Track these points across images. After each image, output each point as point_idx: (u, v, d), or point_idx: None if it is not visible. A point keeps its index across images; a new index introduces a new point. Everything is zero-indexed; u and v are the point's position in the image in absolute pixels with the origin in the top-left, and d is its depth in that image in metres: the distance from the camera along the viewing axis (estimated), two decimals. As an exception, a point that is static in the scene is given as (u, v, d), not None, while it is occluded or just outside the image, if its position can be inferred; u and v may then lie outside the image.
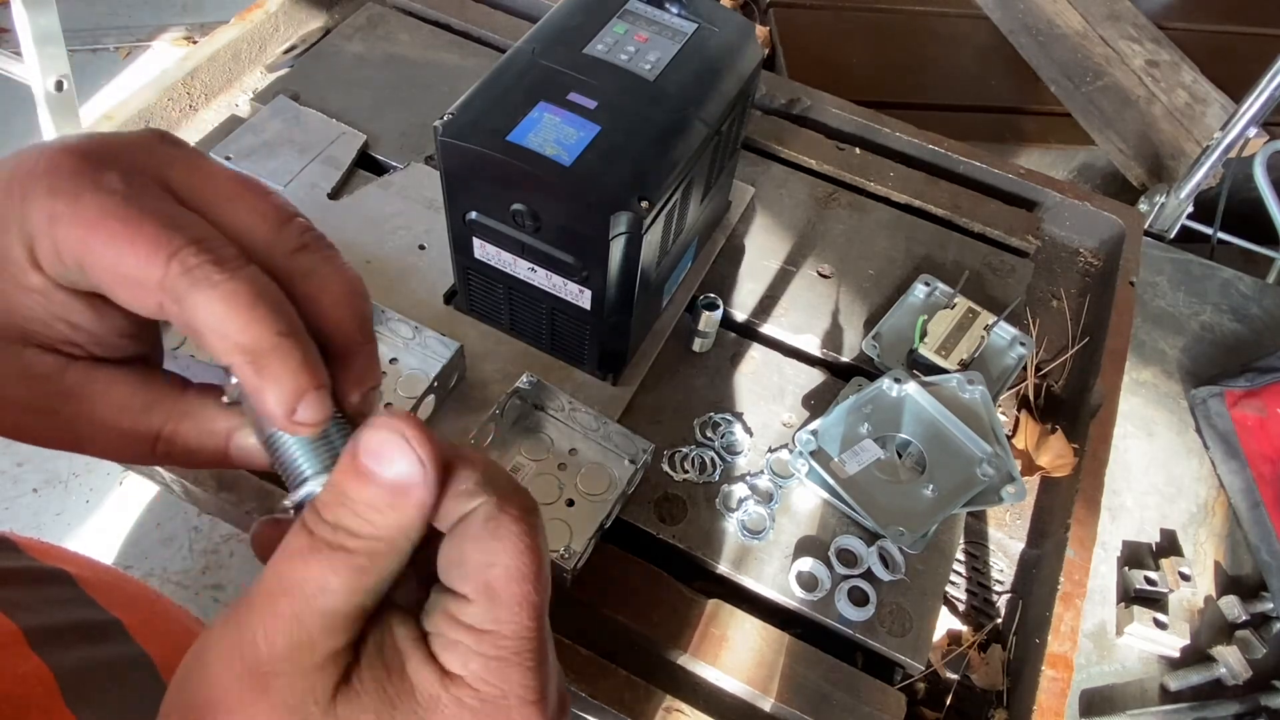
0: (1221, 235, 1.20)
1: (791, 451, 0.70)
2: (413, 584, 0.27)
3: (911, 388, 0.68)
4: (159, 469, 0.64)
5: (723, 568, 0.64)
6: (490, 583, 0.24)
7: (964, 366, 0.73)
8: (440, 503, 0.25)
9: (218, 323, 0.24)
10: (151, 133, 0.27)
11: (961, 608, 0.69)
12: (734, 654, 0.61)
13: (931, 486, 0.66)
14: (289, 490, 0.27)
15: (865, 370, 0.77)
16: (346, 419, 0.28)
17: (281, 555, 0.24)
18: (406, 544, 0.24)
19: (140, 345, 0.29)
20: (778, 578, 0.64)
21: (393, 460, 0.23)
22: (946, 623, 0.67)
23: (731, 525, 0.66)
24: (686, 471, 0.68)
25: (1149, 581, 0.73)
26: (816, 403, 0.74)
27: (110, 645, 0.48)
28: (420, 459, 0.23)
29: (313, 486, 0.27)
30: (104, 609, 0.50)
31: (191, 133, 0.89)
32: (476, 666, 0.24)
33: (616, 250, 0.58)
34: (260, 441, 0.28)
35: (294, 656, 0.23)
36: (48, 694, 0.40)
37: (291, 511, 0.27)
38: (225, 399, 0.29)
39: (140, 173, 0.26)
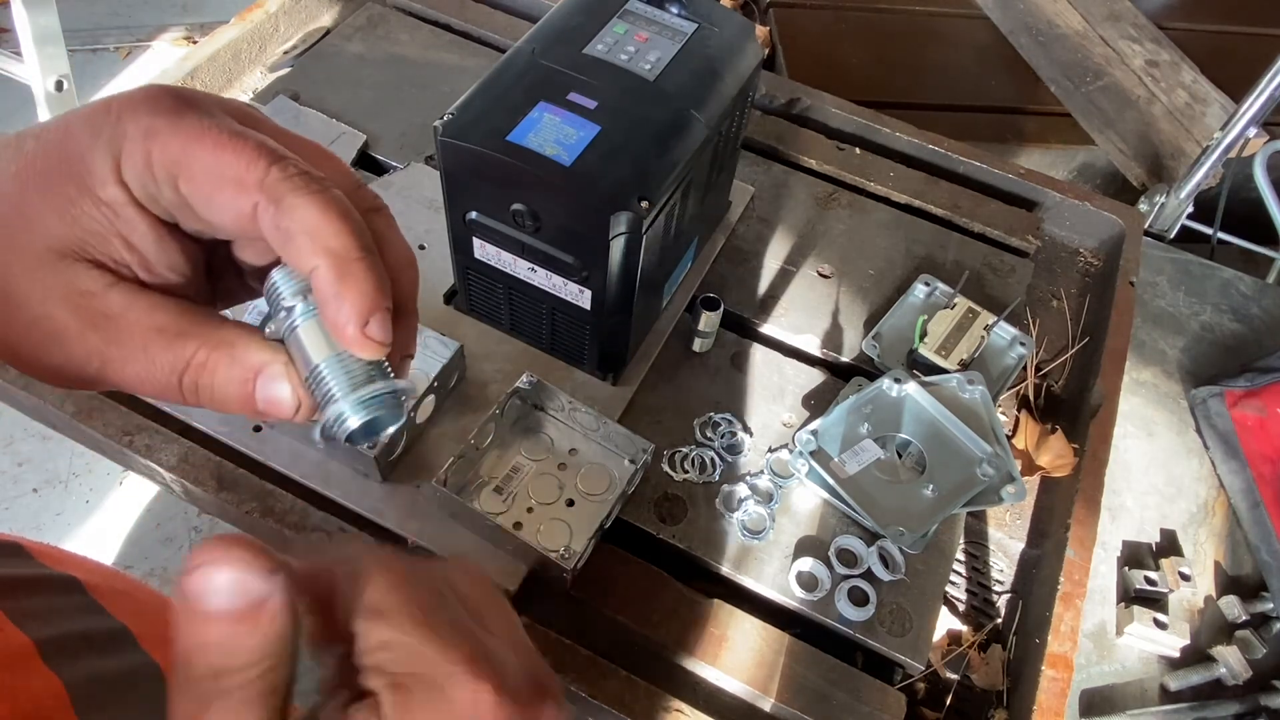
0: (1221, 235, 1.20)
1: (791, 451, 0.70)
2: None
3: (911, 388, 0.69)
4: (159, 469, 0.64)
5: (723, 568, 0.64)
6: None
7: (964, 366, 0.73)
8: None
9: (314, 224, 0.26)
10: (239, 102, 0.30)
11: (961, 608, 0.69)
12: (734, 654, 0.61)
13: (931, 486, 0.66)
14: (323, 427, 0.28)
15: (865, 370, 0.77)
16: None
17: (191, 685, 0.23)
18: (294, 642, 0.23)
19: (187, 280, 0.30)
20: (778, 578, 0.64)
21: (231, 589, 0.22)
22: (946, 623, 0.67)
23: (731, 525, 0.66)
24: (686, 471, 0.68)
25: (1149, 581, 0.73)
26: (816, 403, 0.74)
27: (119, 655, 0.48)
28: (269, 569, 0.22)
29: (351, 420, 0.27)
30: (113, 617, 0.50)
31: (191, 133, 0.89)
32: (381, 683, 0.24)
33: (616, 250, 0.58)
34: (302, 377, 0.28)
35: None
36: (60, 708, 0.40)
37: (320, 443, 0.27)
38: (269, 330, 0.29)
39: (234, 115, 0.28)
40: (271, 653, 0.22)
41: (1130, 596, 0.73)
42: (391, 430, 0.29)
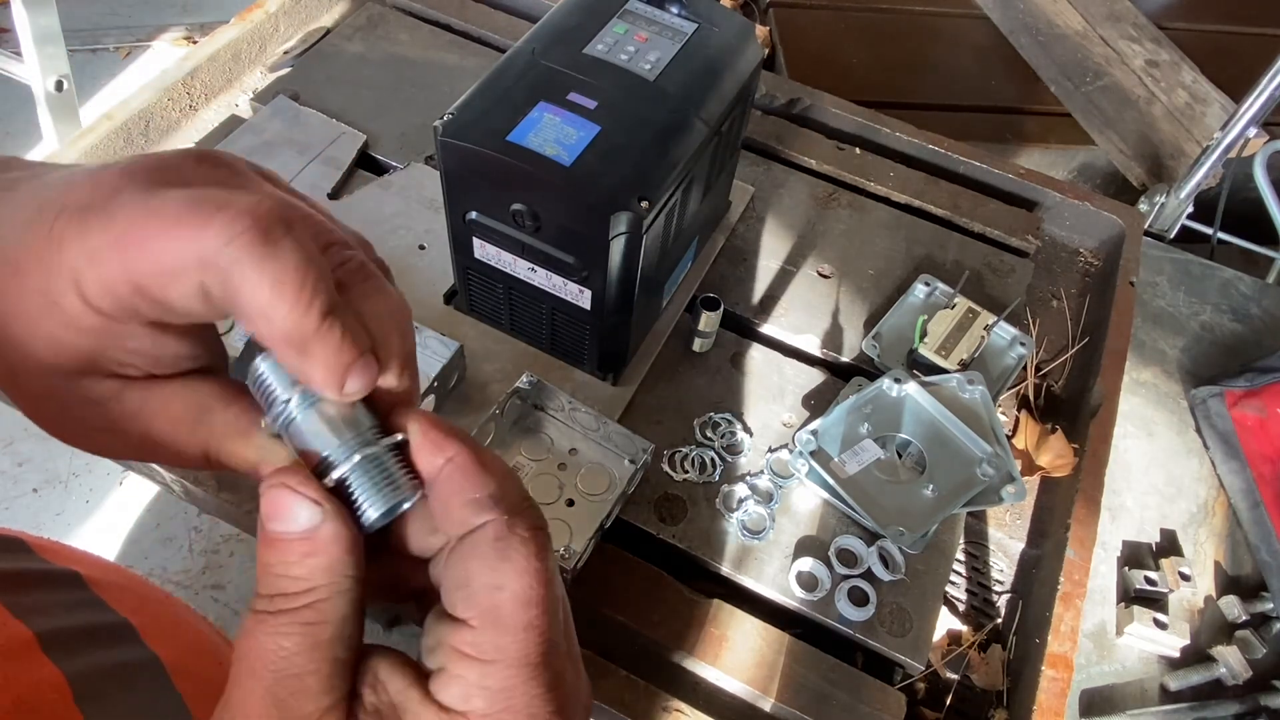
0: (1221, 235, 1.20)
1: (791, 451, 0.70)
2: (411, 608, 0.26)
3: (911, 388, 0.69)
4: (159, 469, 0.64)
5: (723, 568, 0.64)
6: (496, 608, 0.22)
7: (964, 366, 0.73)
8: (448, 508, 0.24)
9: (263, 304, 0.23)
10: (186, 152, 0.26)
11: (961, 608, 0.69)
12: (734, 654, 0.61)
13: (931, 486, 0.66)
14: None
15: (865, 370, 0.77)
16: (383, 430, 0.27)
17: (238, 643, 0.23)
18: (346, 582, 0.23)
19: (200, 357, 0.28)
20: (778, 578, 0.64)
21: (287, 514, 0.23)
22: (946, 623, 0.67)
23: (731, 525, 0.66)
24: (686, 471, 0.68)
25: (1149, 581, 0.73)
26: (816, 403, 0.74)
27: (121, 648, 0.49)
28: (313, 500, 0.23)
29: (371, 514, 0.26)
30: (115, 611, 0.50)
31: (192, 133, 0.89)
32: (480, 703, 0.22)
33: (616, 250, 0.58)
34: (311, 466, 0.26)
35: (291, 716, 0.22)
36: (60, 699, 0.40)
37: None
38: (265, 423, 0.27)
39: (201, 161, 0.25)
40: (335, 577, 0.23)
41: (1130, 596, 0.73)
42: (406, 506, 0.26)
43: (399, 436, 0.26)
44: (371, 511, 0.25)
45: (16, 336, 0.25)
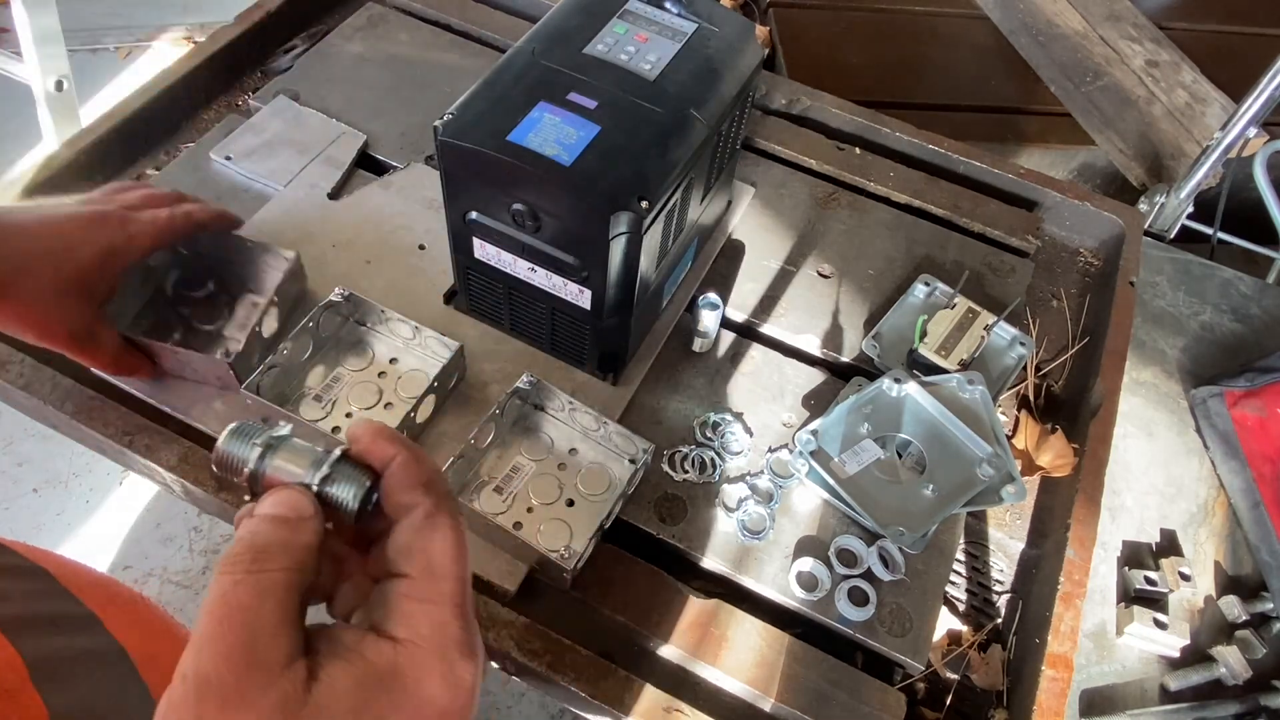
0: (1221, 235, 1.20)
1: (791, 451, 0.70)
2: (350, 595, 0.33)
3: (911, 388, 0.69)
4: (159, 469, 0.63)
5: (723, 568, 0.64)
6: (429, 562, 0.30)
7: (964, 366, 0.73)
8: (394, 495, 0.32)
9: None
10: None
11: (961, 608, 0.69)
12: (734, 654, 0.61)
13: (931, 486, 0.66)
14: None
15: (865, 370, 0.77)
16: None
17: (212, 598, 0.27)
18: (312, 559, 0.30)
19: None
20: (778, 578, 0.64)
21: (296, 505, 0.31)
22: (946, 623, 0.67)
23: (731, 525, 0.66)
24: (686, 471, 0.68)
25: (1149, 581, 0.73)
26: (816, 403, 0.74)
27: (84, 637, 0.49)
28: (313, 504, 0.31)
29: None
30: (81, 603, 0.51)
31: (191, 133, 0.89)
32: (424, 628, 0.29)
33: (616, 250, 0.58)
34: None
35: (257, 667, 0.26)
36: (16, 677, 0.42)
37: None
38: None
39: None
40: (297, 556, 0.29)
41: (1130, 596, 0.73)
42: (375, 495, 0.33)
43: (346, 446, 0.33)
44: (352, 502, 0.32)
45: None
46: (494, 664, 0.62)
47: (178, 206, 0.63)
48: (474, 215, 0.63)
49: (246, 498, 0.33)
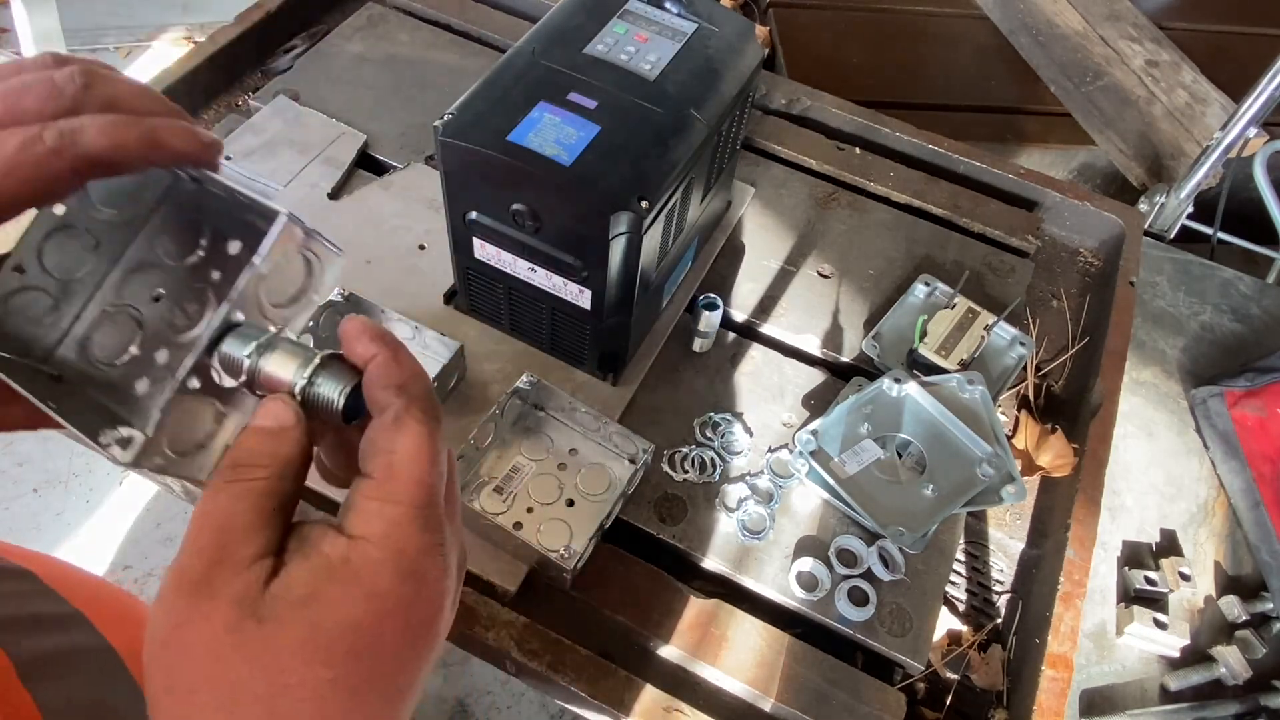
0: (1221, 235, 1.20)
1: (791, 451, 0.70)
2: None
3: (911, 388, 0.68)
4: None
5: (723, 568, 0.64)
6: (390, 463, 0.29)
7: (964, 366, 0.73)
8: (370, 393, 0.31)
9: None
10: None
11: (961, 608, 0.69)
12: (734, 654, 0.61)
13: (931, 486, 0.66)
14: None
15: (865, 370, 0.77)
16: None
17: (197, 507, 0.29)
18: (292, 469, 0.30)
19: None
20: (778, 578, 0.64)
21: (279, 415, 0.31)
22: (946, 623, 0.67)
23: (731, 525, 0.66)
24: (686, 471, 0.68)
25: (1149, 581, 0.73)
26: (816, 403, 0.74)
27: (71, 635, 0.49)
28: (295, 409, 0.31)
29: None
30: (67, 602, 0.51)
31: (191, 133, 0.89)
32: (378, 526, 0.29)
33: (616, 250, 0.58)
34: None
35: (225, 562, 0.27)
36: (5, 678, 0.41)
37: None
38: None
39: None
40: (276, 465, 0.30)
41: (1130, 596, 0.73)
42: (359, 388, 0.33)
43: (330, 352, 0.33)
44: (338, 400, 0.32)
45: None
46: (494, 664, 0.62)
47: (118, 116, 0.31)
48: (474, 215, 0.63)
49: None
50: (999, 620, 0.68)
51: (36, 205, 0.31)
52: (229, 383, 0.33)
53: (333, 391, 0.32)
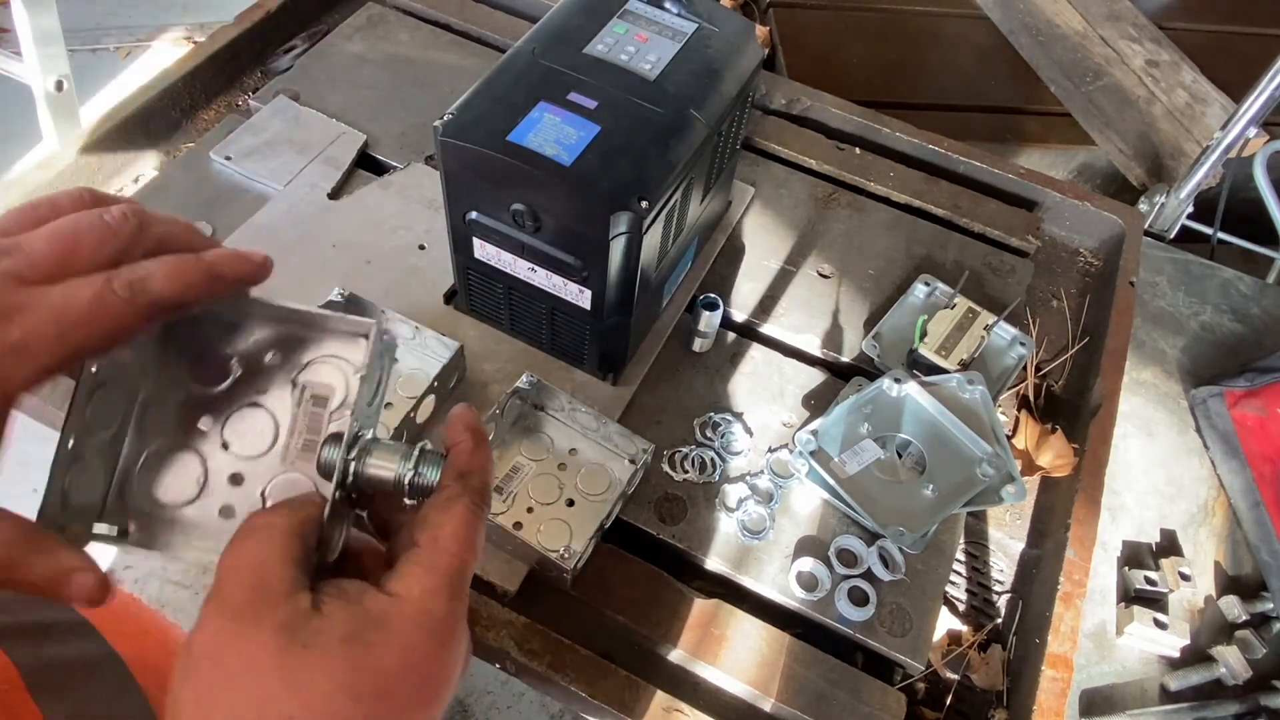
0: (1221, 235, 1.20)
1: (791, 451, 0.70)
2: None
3: (911, 388, 0.68)
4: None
5: (723, 568, 0.64)
6: (436, 537, 0.33)
7: (964, 366, 0.73)
8: (442, 477, 0.35)
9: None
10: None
11: (961, 608, 0.69)
12: (734, 654, 0.61)
13: (931, 486, 0.66)
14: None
15: (865, 370, 0.77)
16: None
17: (228, 550, 0.31)
18: (307, 520, 0.33)
19: None
20: (778, 578, 0.64)
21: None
22: (946, 623, 0.67)
23: (731, 525, 0.66)
24: (686, 471, 0.68)
25: (1149, 581, 0.73)
26: (816, 403, 0.74)
27: (79, 643, 0.49)
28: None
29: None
30: (72, 610, 0.51)
31: (191, 133, 0.89)
32: (416, 590, 0.31)
33: (616, 250, 0.58)
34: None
35: (267, 592, 0.29)
36: (11, 686, 0.42)
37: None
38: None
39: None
40: (297, 517, 0.32)
41: (1130, 596, 0.73)
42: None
43: (422, 445, 0.36)
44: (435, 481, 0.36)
45: None
46: (494, 664, 0.62)
47: (175, 257, 0.32)
48: (474, 215, 0.63)
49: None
50: (999, 620, 0.68)
51: (103, 351, 0.32)
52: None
53: (433, 478, 0.35)
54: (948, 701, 0.64)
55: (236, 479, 0.37)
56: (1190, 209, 1.09)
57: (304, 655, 0.28)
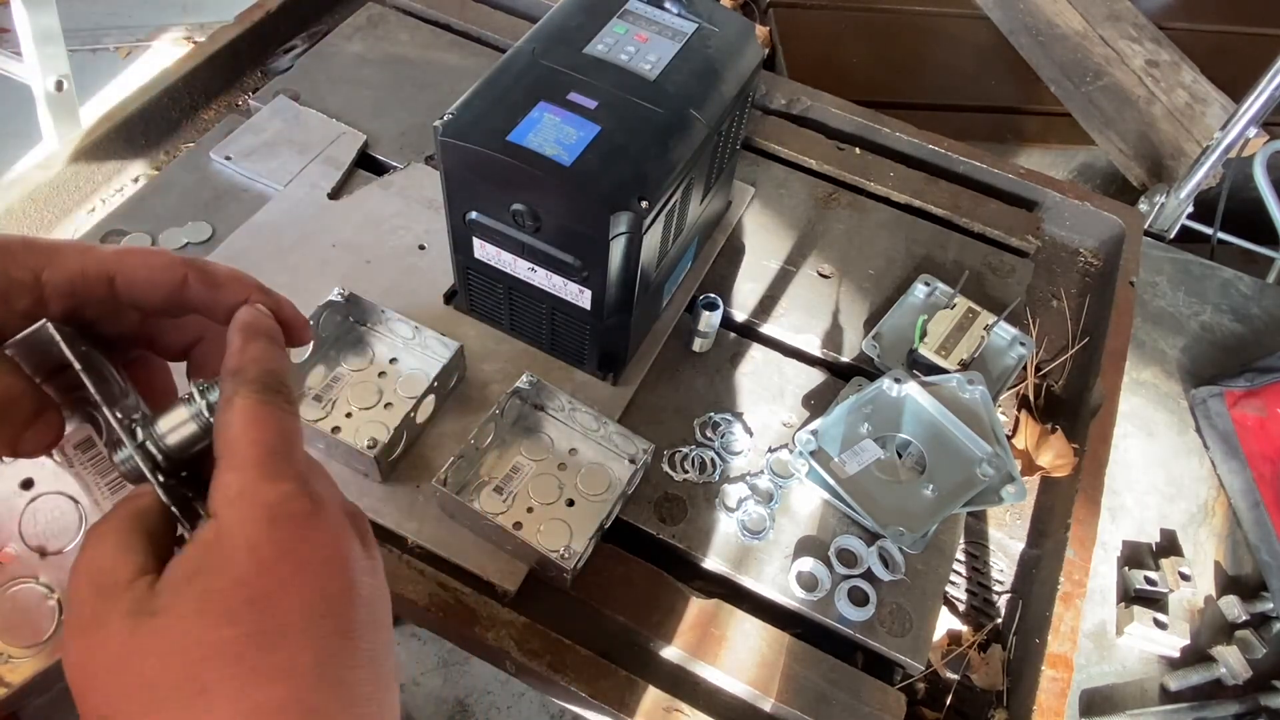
0: (1221, 235, 1.20)
1: (791, 451, 0.70)
2: None
3: (911, 388, 0.68)
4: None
5: (723, 568, 0.64)
6: (227, 439, 0.30)
7: (964, 366, 0.73)
8: (221, 389, 0.33)
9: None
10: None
11: (961, 608, 0.69)
12: (734, 654, 0.61)
13: (931, 486, 0.66)
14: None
15: (865, 370, 0.77)
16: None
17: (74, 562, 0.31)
18: (136, 509, 0.31)
19: None
20: (778, 578, 0.64)
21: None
22: (946, 623, 0.67)
23: (731, 525, 0.66)
24: (686, 471, 0.68)
25: (1149, 581, 0.73)
26: (816, 403, 0.74)
27: None
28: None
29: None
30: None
31: (191, 133, 0.89)
32: (233, 493, 0.29)
33: (616, 250, 0.58)
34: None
35: (105, 592, 0.29)
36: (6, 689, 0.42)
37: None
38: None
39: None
40: (129, 508, 0.32)
41: (1130, 596, 0.73)
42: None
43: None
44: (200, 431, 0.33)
45: None
46: (494, 664, 0.62)
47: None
48: (474, 215, 0.63)
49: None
50: (999, 620, 0.68)
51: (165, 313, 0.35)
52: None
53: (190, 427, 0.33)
54: (948, 701, 0.64)
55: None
56: (1190, 209, 1.09)
57: (155, 620, 0.27)
